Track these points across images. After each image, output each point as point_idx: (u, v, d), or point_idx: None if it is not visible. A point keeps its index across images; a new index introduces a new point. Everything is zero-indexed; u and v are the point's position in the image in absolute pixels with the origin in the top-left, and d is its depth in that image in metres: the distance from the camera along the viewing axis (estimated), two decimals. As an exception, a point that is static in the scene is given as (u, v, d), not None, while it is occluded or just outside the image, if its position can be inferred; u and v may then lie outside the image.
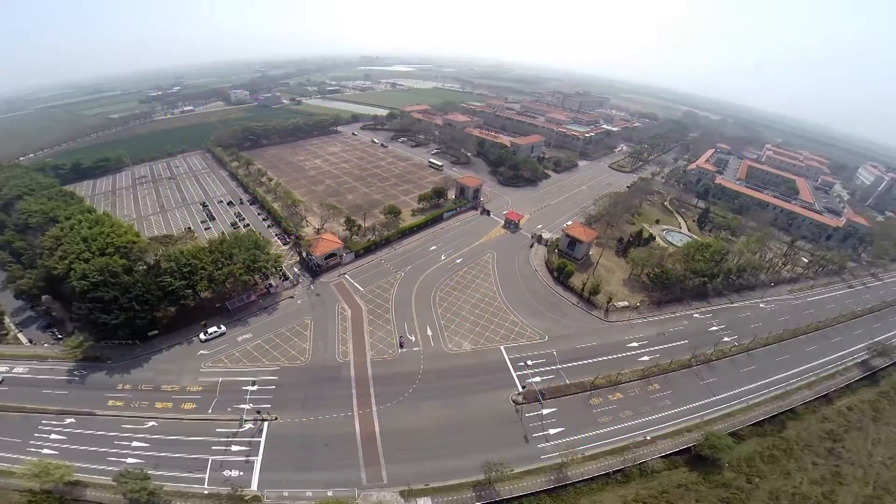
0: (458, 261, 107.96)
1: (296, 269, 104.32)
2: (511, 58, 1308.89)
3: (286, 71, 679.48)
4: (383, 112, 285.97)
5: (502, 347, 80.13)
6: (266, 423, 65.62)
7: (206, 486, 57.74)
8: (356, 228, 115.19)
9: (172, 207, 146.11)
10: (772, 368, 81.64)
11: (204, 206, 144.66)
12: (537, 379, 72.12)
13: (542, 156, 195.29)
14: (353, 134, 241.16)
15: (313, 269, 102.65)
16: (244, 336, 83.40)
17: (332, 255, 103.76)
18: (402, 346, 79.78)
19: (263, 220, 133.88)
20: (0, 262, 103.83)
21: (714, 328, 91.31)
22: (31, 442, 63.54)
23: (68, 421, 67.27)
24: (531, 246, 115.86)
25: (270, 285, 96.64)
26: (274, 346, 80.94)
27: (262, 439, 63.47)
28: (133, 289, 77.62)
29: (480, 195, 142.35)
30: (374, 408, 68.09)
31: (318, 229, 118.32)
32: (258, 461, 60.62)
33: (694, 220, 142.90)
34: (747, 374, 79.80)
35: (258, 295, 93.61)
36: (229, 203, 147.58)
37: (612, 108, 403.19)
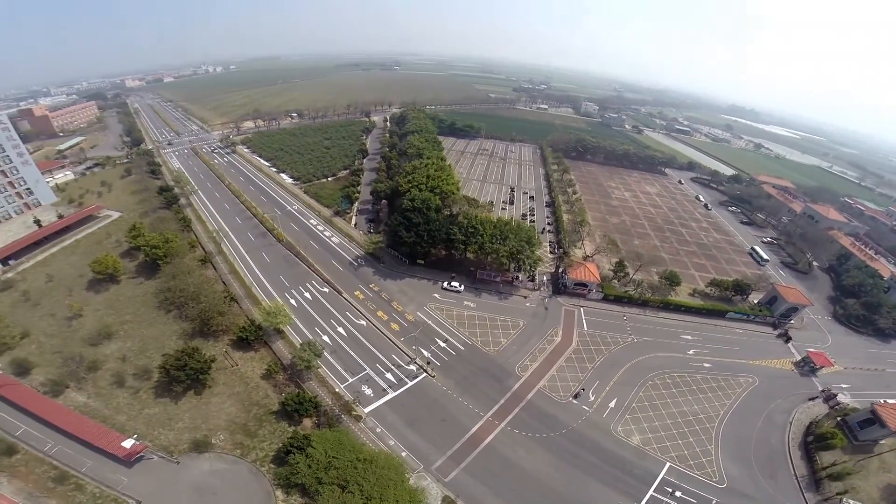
0: (707, 365, 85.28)
1: (545, 278, 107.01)
2: None
3: (642, 97, 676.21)
4: (728, 171, 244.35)
5: (668, 465, 63.83)
6: (423, 374, 73.75)
7: (341, 385, 69.72)
8: (622, 274, 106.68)
9: (490, 181, 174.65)
10: None
11: (512, 190, 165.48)
12: (668, 510, 56.82)
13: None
14: (680, 182, 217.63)
15: (558, 287, 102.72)
16: (469, 303, 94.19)
17: (583, 284, 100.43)
18: (575, 398, 73.35)
19: (548, 223, 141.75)
20: (377, 168, 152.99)
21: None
22: (293, 290, 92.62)
23: (324, 289, 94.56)
24: (811, 399, 79.79)
25: (517, 277, 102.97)
26: (482, 325, 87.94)
27: (410, 384, 71.60)
28: (432, 224, 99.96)
29: (795, 317, 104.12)
30: (503, 424, 66.86)
31: (587, 256, 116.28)
32: (390, 396, 68.90)
33: None
34: None
35: (503, 279, 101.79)
36: (531, 197, 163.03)
37: None
